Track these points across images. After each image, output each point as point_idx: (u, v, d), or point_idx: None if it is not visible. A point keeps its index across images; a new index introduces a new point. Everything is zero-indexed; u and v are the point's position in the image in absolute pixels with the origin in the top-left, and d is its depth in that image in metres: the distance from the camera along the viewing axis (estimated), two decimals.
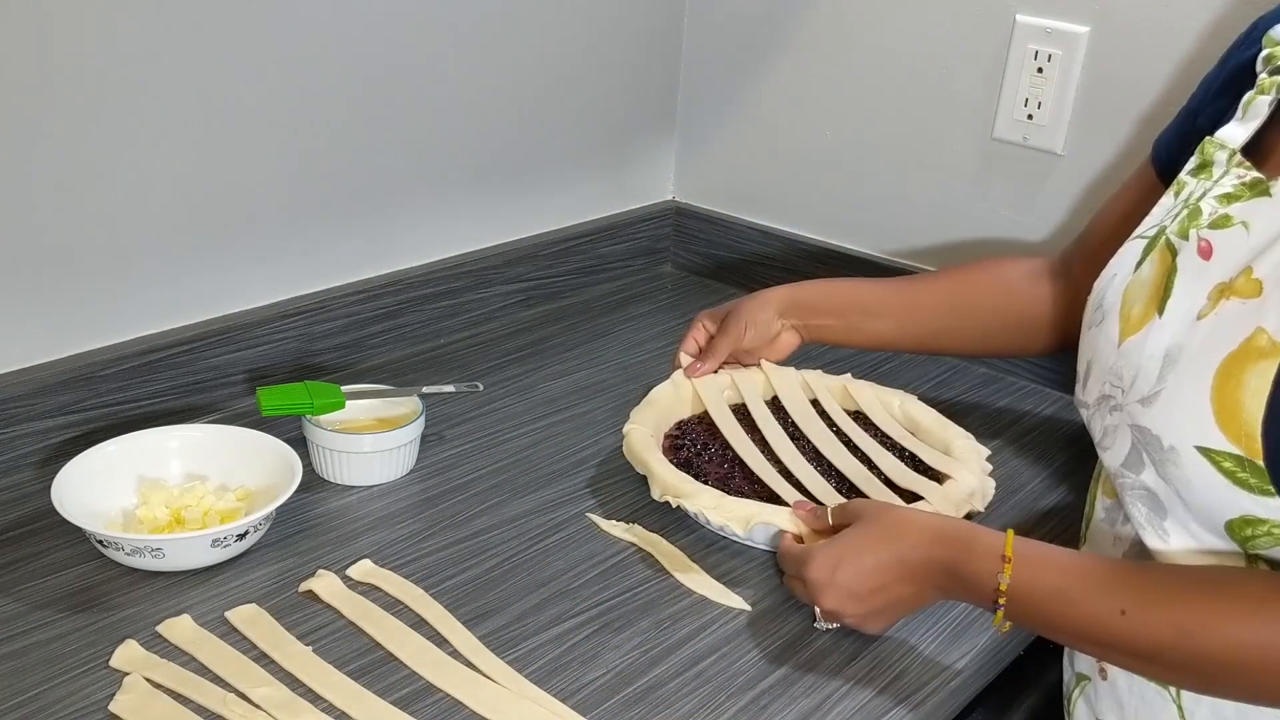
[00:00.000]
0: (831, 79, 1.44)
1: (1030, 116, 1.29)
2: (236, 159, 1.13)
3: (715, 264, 1.61)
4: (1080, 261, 1.06)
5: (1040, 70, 1.27)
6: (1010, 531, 0.82)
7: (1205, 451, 0.74)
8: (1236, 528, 0.75)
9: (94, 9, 0.99)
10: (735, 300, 1.16)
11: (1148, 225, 0.88)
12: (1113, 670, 0.86)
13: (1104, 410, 0.85)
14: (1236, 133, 0.85)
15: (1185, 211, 0.83)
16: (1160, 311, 0.80)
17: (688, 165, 1.63)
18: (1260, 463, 0.72)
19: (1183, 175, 0.88)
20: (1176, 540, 0.80)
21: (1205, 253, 0.79)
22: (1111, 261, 0.90)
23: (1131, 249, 0.88)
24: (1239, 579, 0.75)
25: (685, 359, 1.16)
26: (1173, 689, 0.81)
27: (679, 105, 1.60)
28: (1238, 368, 0.73)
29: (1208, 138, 0.87)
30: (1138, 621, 0.75)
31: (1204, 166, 0.86)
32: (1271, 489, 0.72)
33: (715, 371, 1.15)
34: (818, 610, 0.88)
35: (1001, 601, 0.80)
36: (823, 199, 1.50)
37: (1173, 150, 0.97)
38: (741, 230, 1.57)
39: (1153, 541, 0.81)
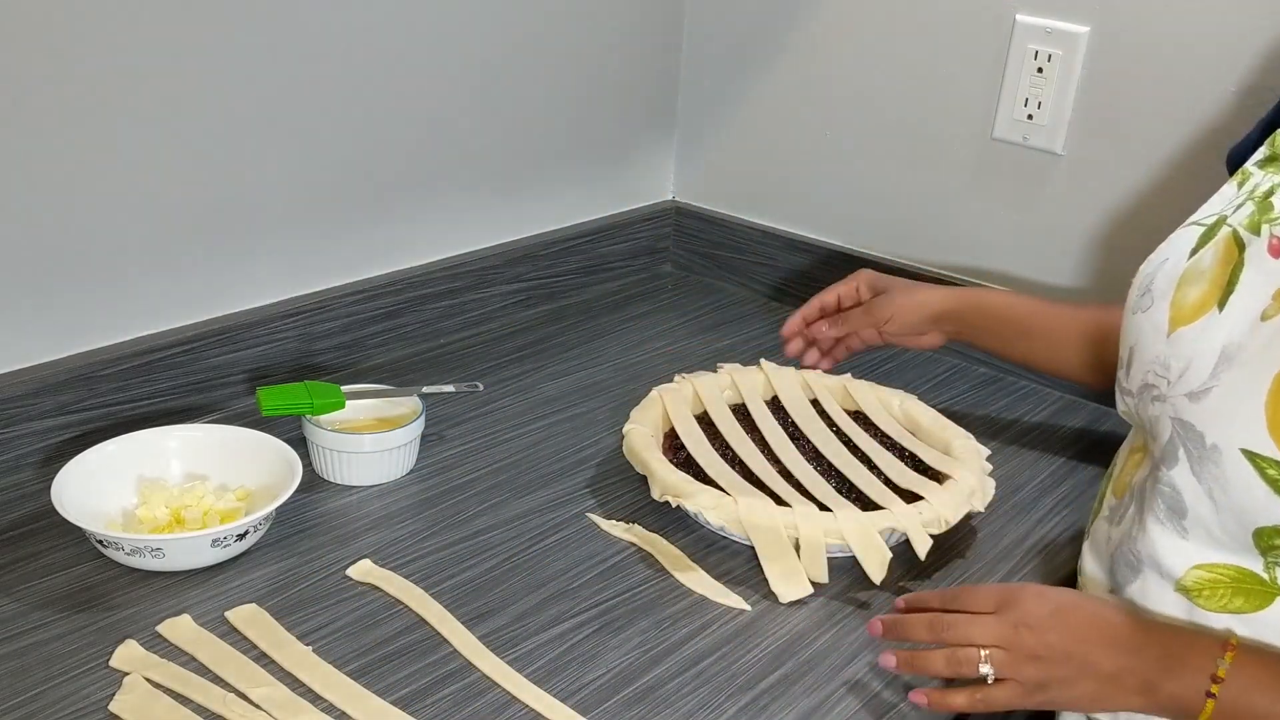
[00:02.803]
0: (831, 79, 1.44)
1: (1030, 116, 1.29)
2: (236, 159, 1.13)
3: (715, 264, 1.61)
4: None
5: (1040, 70, 1.27)
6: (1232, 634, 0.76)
7: (1250, 455, 0.73)
8: (1266, 535, 0.74)
9: (94, 9, 0.99)
10: (897, 279, 1.17)
11: (1205, 213, 0.85)
12: None
13: (1146, 400, 0.83)
14: None
15: (1253, 204, 0.81)
16: (1221, 306, 0.78)
17: (688, 165, 1.63)
18: None
19: (1249, 166, 0.85)
20: (1194, 540, 0.78)
21: (1276, 250, 0.77)
22: (1161, 246, 0.87)
23: (1185, 235, 0.85)
24: None
25: (794, 322, 1.18)
26: None
27: (679, 105, 1.60)
28: None
29: (1278, 130, 0.84)
30: None
31: (1273, 160, 0.83)
32: None
33: (823, 347, 1.18)
34: (984, 656, 0.77)
35: (1214, 690, 0.73)
36: (823, 199, 1.50)
37: (1246, 153, 0.92)
38: (741, 230, 1.57)
39: (1162, 540, 0.80)
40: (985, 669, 0.77)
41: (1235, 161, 0.95)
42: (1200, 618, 0.79)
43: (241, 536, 0.92)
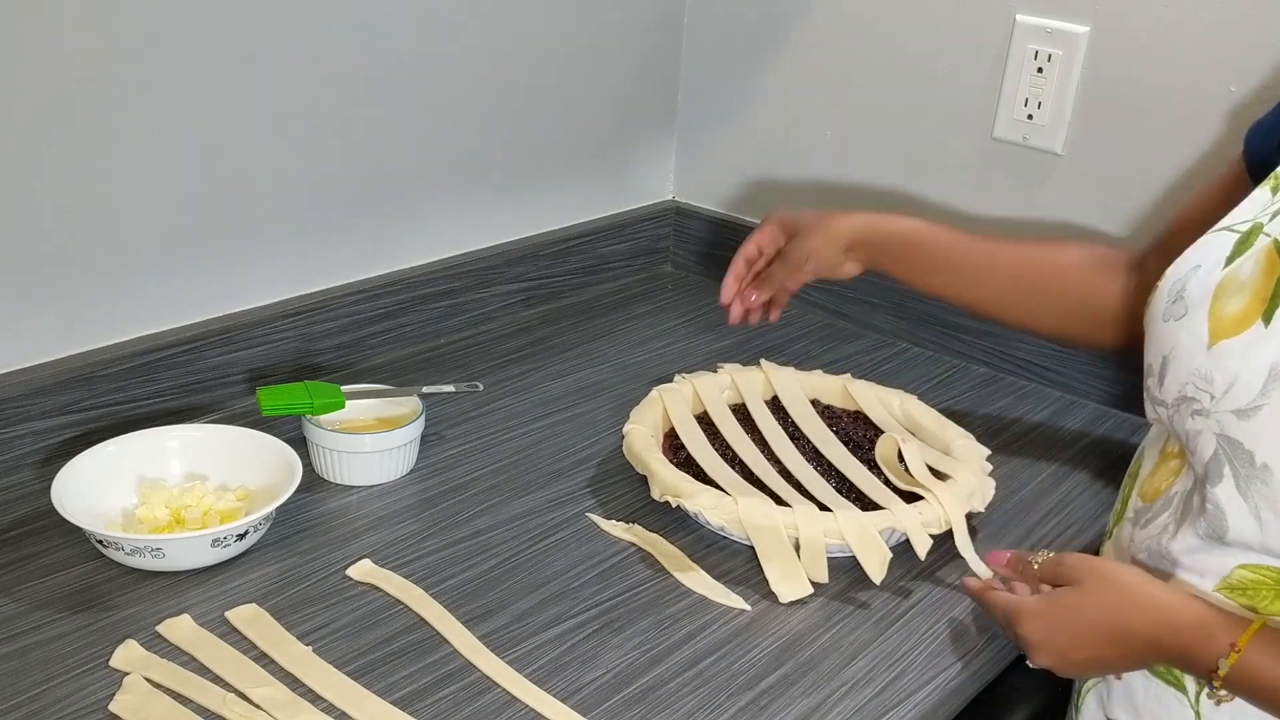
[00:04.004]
0: (831, 79, 1.44)
1: (1030, 116, 1.29)
2: (237, 159, 1.13)
3: (715, 264, 1.60)
4: (1156, 260, 0.97)
5: (1040, 70, 1.27)
6: (1260, 622, 0.75)
7: None
8: None
9: (95, 10, 0.99)
10: (805, 215, 1.15)
11: (1238, 219, 0.83)
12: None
13: (1184, 412, 0.80)
14: None
15: None
16: (1267, 321, 0.75)
17: (688, 165, 1.63)
18: None
19: None
20: (1234, 555, 0.77)
21: None
22: (1190, 252, 0.84)
23: (1218, 241, 0.82)
24: None
25: (730, 285, 1.16)
26: (1191, 694, 0.81)
27: (679, 105, 1.60)
28: None
29: None
30: None
31: None
32: None
33: (762, 305, 1.18)
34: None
35: (1216, 684, 0.75)
36: (823, 199, 1.50)
37: (1269, 145, 0.90)
38: (741, 230, 1.56)
39: (1201, 548, 0.79)
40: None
41: (1255, 139, 0.92)
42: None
43: (241, 536, 0.92)
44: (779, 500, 1.00)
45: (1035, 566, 0.85)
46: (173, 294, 1.13)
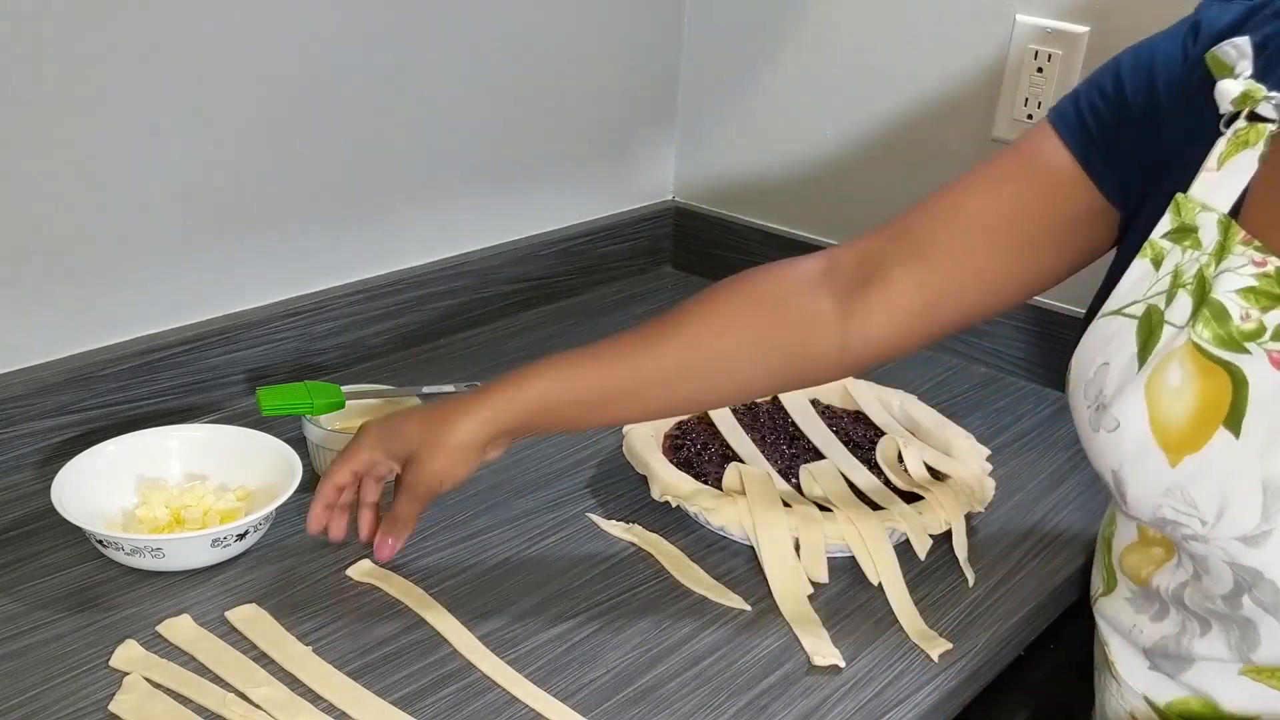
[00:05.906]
0: (831, 79, 1.44)
1: (1030, 116, 1.29)
2: (236, 159, 1.13)
3: (715, 264, 1.60)
4: (907, 260, 0.88)
5: (1040, 70, 1.27)
6: None
7: None
8: None
9: (95, 10, 0.99)
10: (408, 429, 0.88)
11: (1124, 300, 0.75)
12: None
13: (1174, 534, 0.75)
14: (1216, 191, 0.72)
15: (1189, 297, 0.72)
16: (1236, 431, 0.69)
17: (688, 165, 1.63)
18: None
19: (1156, 239, 0.74)
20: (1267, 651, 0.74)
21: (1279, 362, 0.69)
22: (1089, 341, 0.77)
23: (1116, 330, 0.75)
24: None
25: (318, 515, 0.91)
26: None
27: (679, 105, 1.60)
28: None
29: (1180, 195, 0.73)
30: None
31: (1186, 232, 0.73)
32: None
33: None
34: None
35: None
36: (823, 199, 1.50)
37: (1091, 132, 0.82)
38: (741, 230, 1.57)
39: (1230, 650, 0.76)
40: None
41: (1064, 113, 0.85)
42: (1266, 695, 0.76)
43: (241, 536, 0.92)
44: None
45: None
46: (173, 294, 1.13)
